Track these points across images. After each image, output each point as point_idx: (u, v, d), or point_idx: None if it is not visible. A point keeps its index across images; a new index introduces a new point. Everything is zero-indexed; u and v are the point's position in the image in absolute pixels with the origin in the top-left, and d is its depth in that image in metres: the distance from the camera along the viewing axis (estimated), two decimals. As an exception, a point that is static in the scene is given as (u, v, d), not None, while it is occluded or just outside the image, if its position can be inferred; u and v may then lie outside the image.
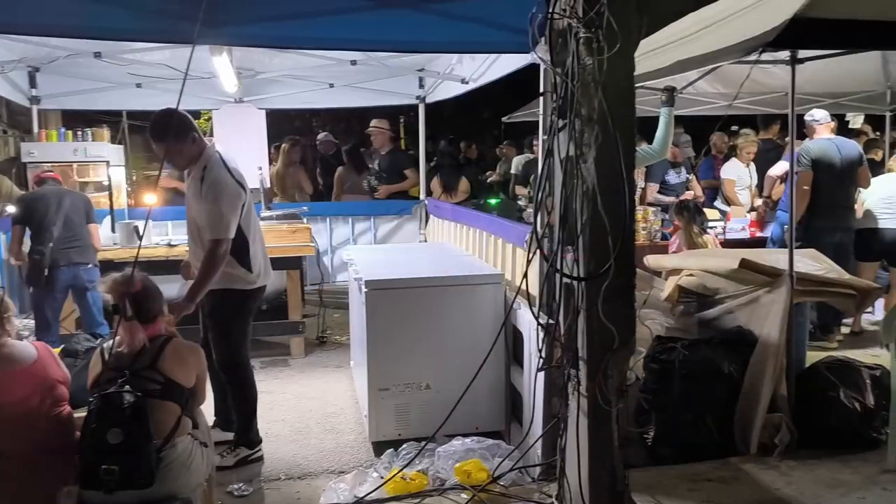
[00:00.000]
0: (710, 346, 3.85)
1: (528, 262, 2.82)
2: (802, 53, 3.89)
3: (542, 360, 2.86)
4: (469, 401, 3.51)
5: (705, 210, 6.19)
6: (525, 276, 2.86)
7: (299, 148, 7.95)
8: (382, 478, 3.33)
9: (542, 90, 3.26)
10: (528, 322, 3.48)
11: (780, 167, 6.33)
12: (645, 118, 6.38)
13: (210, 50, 4.43)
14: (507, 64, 4.55)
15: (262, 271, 3.74)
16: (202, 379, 2.91)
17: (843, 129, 8.20)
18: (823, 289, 3.87)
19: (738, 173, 7.07)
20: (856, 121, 7.94)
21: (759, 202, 6.79)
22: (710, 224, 6.12)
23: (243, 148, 5.95)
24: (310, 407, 4.58)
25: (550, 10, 2.62)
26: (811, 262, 4.08)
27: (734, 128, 8.30)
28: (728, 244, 5.83)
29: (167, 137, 3.37)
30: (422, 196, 6.80)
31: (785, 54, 3.81)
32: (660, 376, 3.79)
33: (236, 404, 3.75)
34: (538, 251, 2.77)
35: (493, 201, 7.85)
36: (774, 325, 3.70)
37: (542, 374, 3.14)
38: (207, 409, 3.46)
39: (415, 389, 3.83)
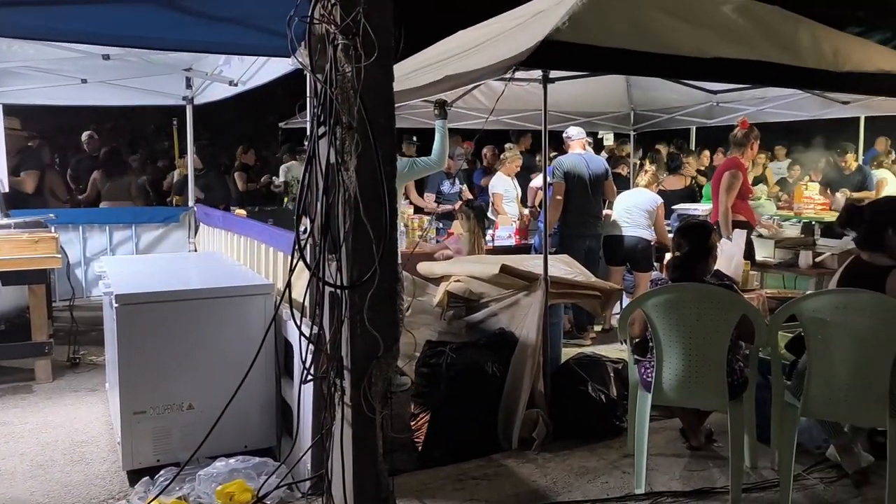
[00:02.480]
0: (476, 349, 4.03)
1: (291, 270, 2.74)
2: (554, 74, 4.22)
3: (306, 372, 2.78)
4: (237, 418, 3.34)
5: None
6: (288, 285, 2.77)
7: (49, 149, 7.15)
8: (136, 509, 3.05)
9: (307, 96, 3.21)
10: (297, 333, 3.39)
11: (540, 179, 6.82)
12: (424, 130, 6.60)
13: (-77, 33, 3.81)
14: (276, 67, 4.43)
15: None
16: None
17: (598, 145, 9.09)
18: (573, 291, 4.22)
19: (504, 187, 7.48)
20: (607, 138, 8.82)
21: (525, 212, 7.27)
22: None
23: (-26, 147, 5.23)
24: (55, 437, 4.09)
25: (309, 15, 2.57)
26: (564, 267, 4.42)
27: (508, 144, 8.83)
28: (496, 251, 6.17)
29: None
30: (191, 203, 6.41)
31: (539, 73, 4.11)
32: (429, 380, 3.90)
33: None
34: (301, 260, 2.70)
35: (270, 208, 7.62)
36: (532, 325, 3.96)
37: (311, 386, 3.07)
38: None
39: (176, 411, 3.56)
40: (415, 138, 7.95)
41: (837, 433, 3.50)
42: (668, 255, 6.08)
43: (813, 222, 6.71)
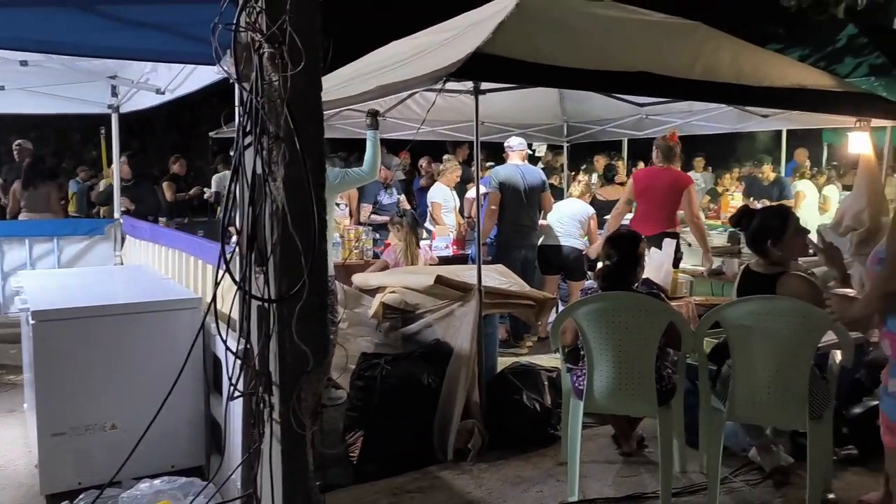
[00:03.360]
0: (412, 360, 4.01)
1: (217, 284, 2.66)
2: (486, 85, 4.26)
3: (233, 388, 2.70)
4: (163, 437, 3.22)
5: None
6: (213, 300, 2.69)
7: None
8: (54, 536, 2.91)
9: (235, 105, 3.14)
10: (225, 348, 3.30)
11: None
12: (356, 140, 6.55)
13: None
14: (205, 76, 4.30)
15: None
16: None
17: (531, 157, 9.20)
18: (508, 301, 4.25)
19: (443, 196, 7.51)
20: (540, 150, 8.93)
21: (462, 222, 7.29)
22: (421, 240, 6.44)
23: None
24: (-33, 462, 3.89)
25: (235, 23, 2.51)
26: (498, 277, 4.45)
27: (447, 156, 8.86)
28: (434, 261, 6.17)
29: None
30: (116, 214, 6.19)
31: (470, 85, 4.14)
32: (364, 393, 3.86)
33: None
34: (227, 273, 2.63)
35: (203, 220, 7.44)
36: (466, 336, 3.96)
37: (240, 403, 2.99)
38: None
39: (98, 431, 3.41)
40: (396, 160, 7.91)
41: (758, 434, 3.62)
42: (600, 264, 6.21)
43: (738, 231, 6.93)
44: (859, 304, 2.86)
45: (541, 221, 6.36)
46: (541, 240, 6.26)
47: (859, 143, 5.48)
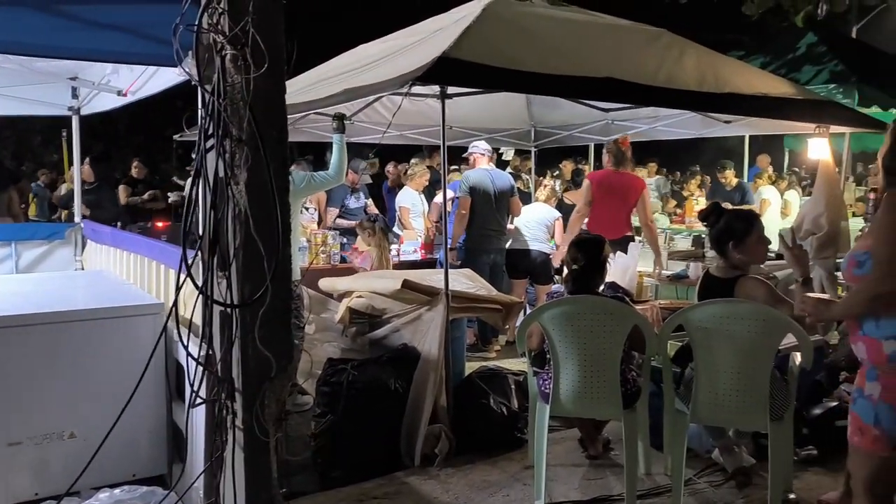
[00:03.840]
0: (379, 365, 3.99)
1: (178, 289, 2.62)
2: (452, 90, 4.26)
3: (195, 395, 2.66)
4: (124, 446, 3.17)
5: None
6: (175, 305, 2.65)
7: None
8: (8, 549, 2.83)
9: (198, 107, 3.10)
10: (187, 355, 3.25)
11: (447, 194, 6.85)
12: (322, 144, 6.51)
13: None
14: (168, 78, 4.23)
15: None
16: None
17: (498, 162, 9.24)
18: (475, 305, 4.25)
19: (412, 201, 7.50)
20: (508, 154, 8.98)
21: (431, 226, 7.29)
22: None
23: None
24: (-81, 474, 3.76)
25: (196, 24, 2.48)
26: (466, 281, 4.45)
27: (414, 160, 8.83)
28: (402, 265, 6.15)
29: None
30: (77, 218, 6.06)
31: (436, 89, 4.14)
32: (330, 399, 3.82)
33: None
34: (189, 278, 2.59)
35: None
36: (434, 340, 3.95)
37: (203, 410, 2.95)
38: None
39: (56, 440, 3.33)
40: (372, 154, 7.80)
41: (721, 436, 3.67)
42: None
43: (703, 235, 7.04)
44: (839, 306, 2.73)
45: (509, 226, 6.38)
46: (509, 244, 6.28)
47: (818, 148, 5.60)
